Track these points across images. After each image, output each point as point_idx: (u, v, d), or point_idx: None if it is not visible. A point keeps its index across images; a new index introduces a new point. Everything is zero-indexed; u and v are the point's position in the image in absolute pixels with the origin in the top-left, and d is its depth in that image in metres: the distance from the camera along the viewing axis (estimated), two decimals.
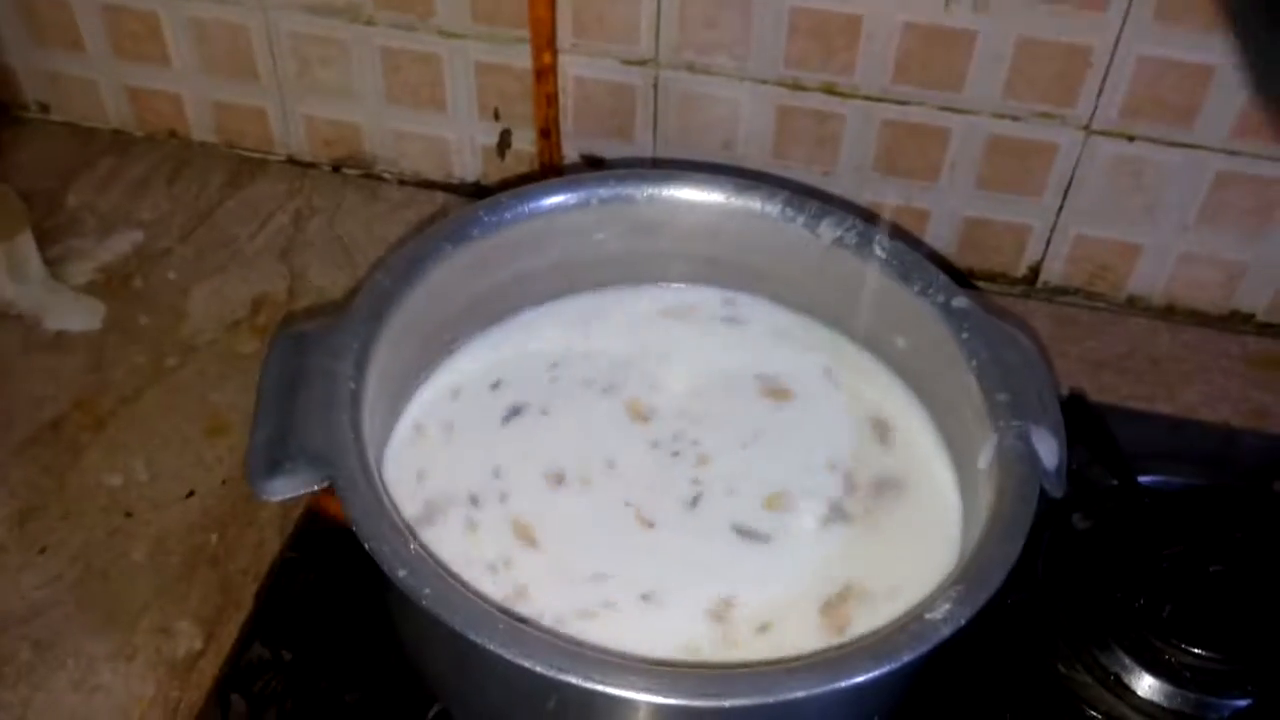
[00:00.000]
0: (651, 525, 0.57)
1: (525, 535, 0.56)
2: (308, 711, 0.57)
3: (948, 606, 0.44)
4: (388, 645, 0.58)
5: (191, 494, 0.67)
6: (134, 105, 0.89)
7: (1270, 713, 0.56)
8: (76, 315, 0.77)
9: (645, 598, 0.53)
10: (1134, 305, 0.80)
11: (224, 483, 0.67)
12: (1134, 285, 0.79)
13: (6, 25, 0.87)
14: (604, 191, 0.62)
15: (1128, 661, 0.58)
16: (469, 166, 0.86)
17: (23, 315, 0.76)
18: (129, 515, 0.66)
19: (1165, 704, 0.57)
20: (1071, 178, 0.74)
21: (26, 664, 0.59)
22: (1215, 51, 0.67)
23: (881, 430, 0.62)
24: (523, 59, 0.78)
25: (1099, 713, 0.57)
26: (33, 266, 0.77)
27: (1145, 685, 0.57)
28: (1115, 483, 0.64)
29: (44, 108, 0.91)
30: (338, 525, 0.47)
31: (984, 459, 0.52)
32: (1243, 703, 0.56)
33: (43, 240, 0.79)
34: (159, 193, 0.86)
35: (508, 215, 0.60)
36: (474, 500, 0.58)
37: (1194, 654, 0.57)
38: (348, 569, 0.60)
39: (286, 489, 0.47)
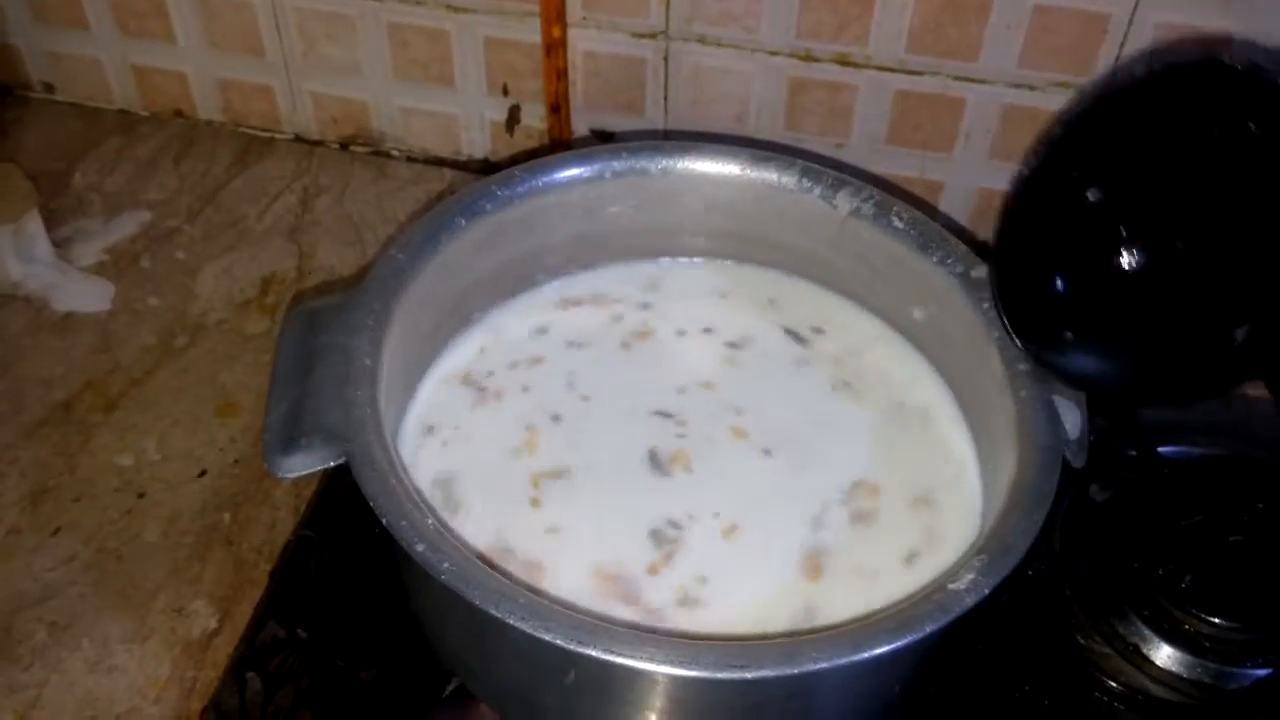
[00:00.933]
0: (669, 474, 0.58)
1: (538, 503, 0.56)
2: (324, 690, 0.57)
3: (971, 576, 0.44)
4: (403, 622, 0.58)
5: (204, 473, 0.67)
6: (139, 84, 0.88)
7: None
8: (85, 296, 0.76)
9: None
10: None
11: (236, 462, 0.67)
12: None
13: (10, 4, 0.86)
14: (618, 164, 0.61)
15: (1146, 632, 0.58)
16: (477, 143, 0.85)
17: (31, 297, 0.76)
18: (141, 496, 0.65)
19: (1184, 674, 0.57)
20: None
21: (42, 645, 0.59)
22: (1233, 16, 0.66)
23: (898, 403, 0.62)
24: (532, 33, 0.77)
25: (1118, 683, 0.57)
26: (40, 247, 0.77)
27: (1164, 655, 0.57)
28: (1134, 453, 0.64)
29: (49, 88, 0.90)
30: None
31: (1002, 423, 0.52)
32: (1263, 672, 0.56)
33: (50, 221, 0.78)
34: (166, 172, 0.86)
35: (521, 189, 0.60)
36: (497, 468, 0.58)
37: (1213, 624, 0.57)
38: (362, 547, 0.60)
39: (303, 465, 0.47)
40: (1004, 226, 0.55)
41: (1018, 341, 0.55)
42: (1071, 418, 0.51)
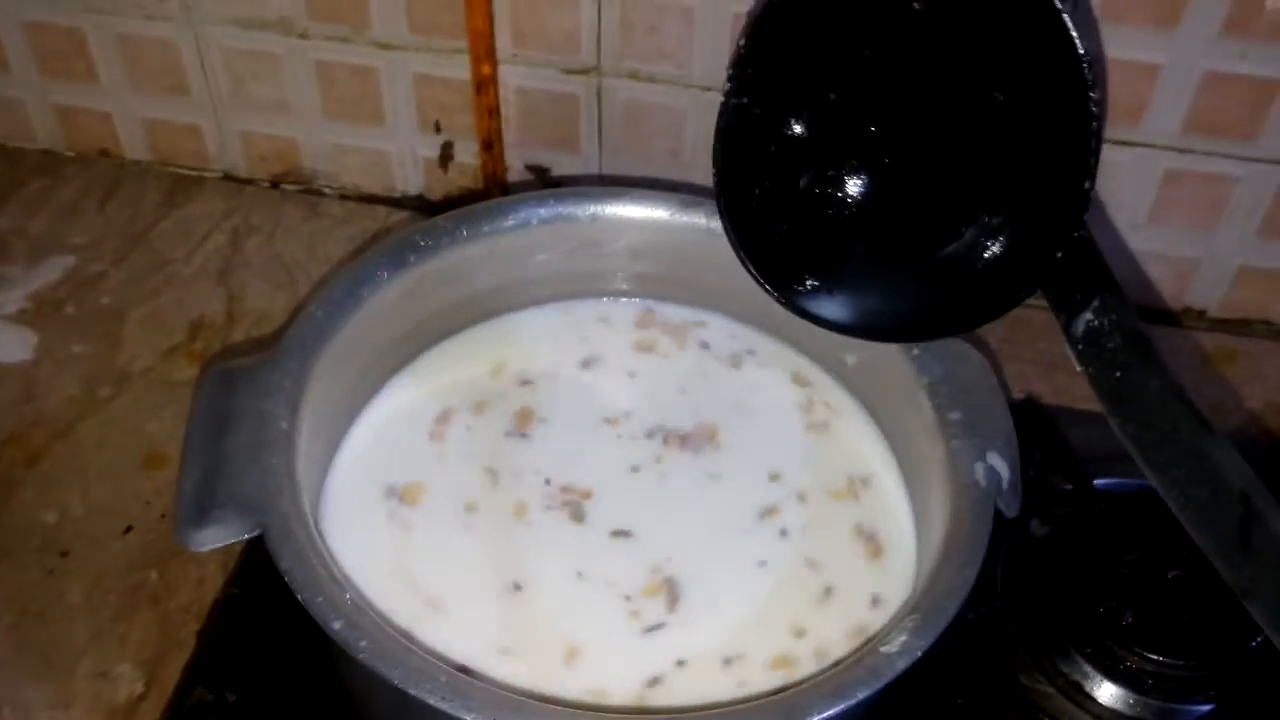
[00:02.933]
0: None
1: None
2: None
3: (903, 638, 0.43)
4: (335, 685, 0.57)
5: (130, 529, 0.65)
6: (63, 124, 0.86)
7: (1232, 718, 0.55)
8: (6, 346, 0.74)
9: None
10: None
11: (162, 516, 0.65)
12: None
13: None
14: (544, 211, 0.60)
15: (1089, 669, 0.57)
16: (411, 180, 0.84)
17: None
18: (65, 554, 0.64)
19: (1127, 712, 0.56)
20: None
21: None
22: (1161, 50, 0.66)
23: (828, 444, 0.61)
24: (462, 70, 0.76)
25: None
26: None
27: (1107, 693, 0.57)
28: (1070, 487, 0.64)
29: None
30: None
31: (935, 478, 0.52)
32: (1205, 708, 0.56)
33: None
34: (91, 215, 0.84)
35: (445, 239, 0.59)
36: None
37: (1155, 660, 0.57)
38: (293, 605, 0.59)
39: (216, 538, 0.46)
40: (718, 175, 0.53)
41: (772, 293, 0.54)
42: (1003, 468, 0.51)
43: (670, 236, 0.62)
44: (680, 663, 0.51)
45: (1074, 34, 0.46)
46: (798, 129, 0.53)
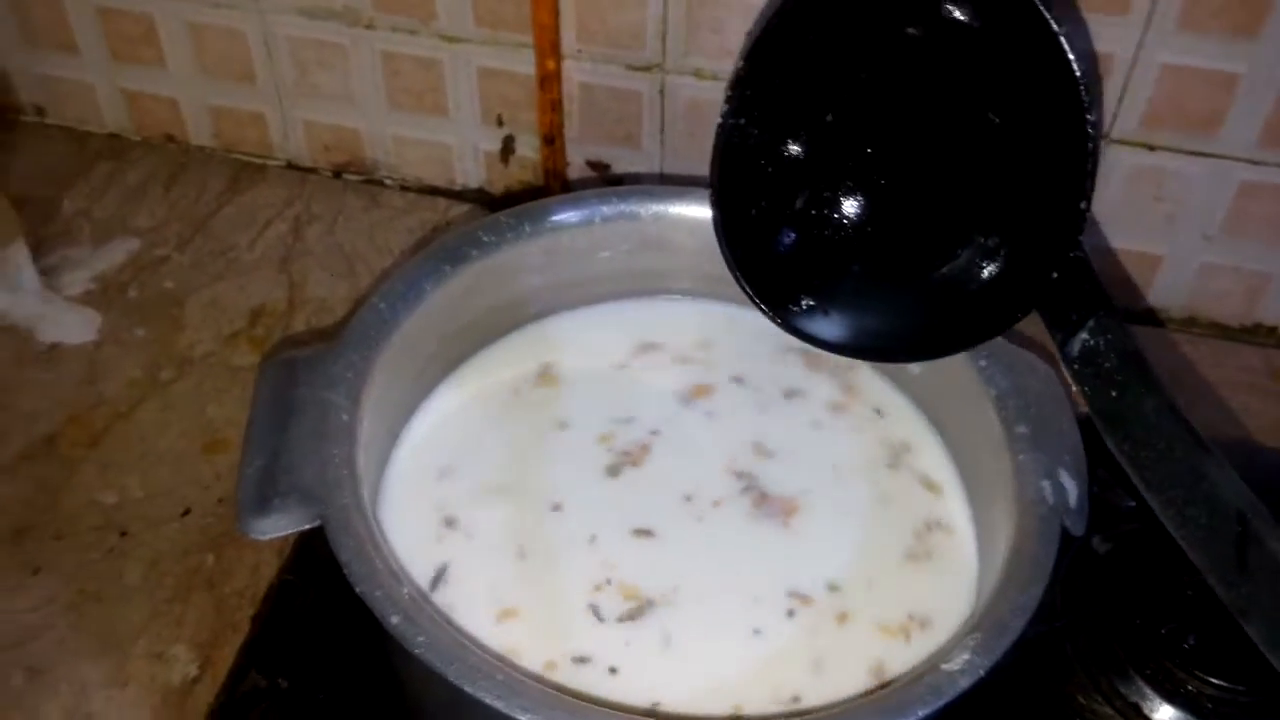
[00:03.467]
0: (650, 534, 0.56)
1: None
2: None
3: (966, 657, 0.43)
4: (388, 675, 0.57)
5: (187, 512, 0.65)
6: (131, 109, 0.87)
7: None
8: (71, 327, 0.75)
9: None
10: (1153, 317, 0.78)
11: (220, 501, 0.66)
12: (1153, 297, 0.77)
13: (0, 27, 0.85)
14: (607, 209, 0.60)
15: (1148, 691, 0.56)
16: (471, 173, 0.84)
17: (16, 327, 0.75)
18: (124, 535, 0.64)
19: None
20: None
21: (18, 690, 0.57)
22: (1240, 60, 0.65)
23: (895, 457, 0.60)
24: (526, 65, 0.76)
25: None
26: (26, 276, 0.76)
27: (1165, 716, 0.56)
28: (1134, 504, 0.63)
29: (39, 111, 0.89)
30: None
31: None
32: None
33: (37, 249, 0.77)
34: (156, 199, 0.85)
35: (509, 235, 0.58)
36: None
37: (1216, 685, 0.56)
38: (347, 593, 0.59)
39: (276, 528, 0.46)
40: (716, 190, 0.53)
41: (767, 313, 0.54)
42: (1071, 484, 0.50)
43: None
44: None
45: (1070, 55, 0.46)
46: (795, 149, 0.54)
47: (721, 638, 0.52)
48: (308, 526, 0.46)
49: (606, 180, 0.81)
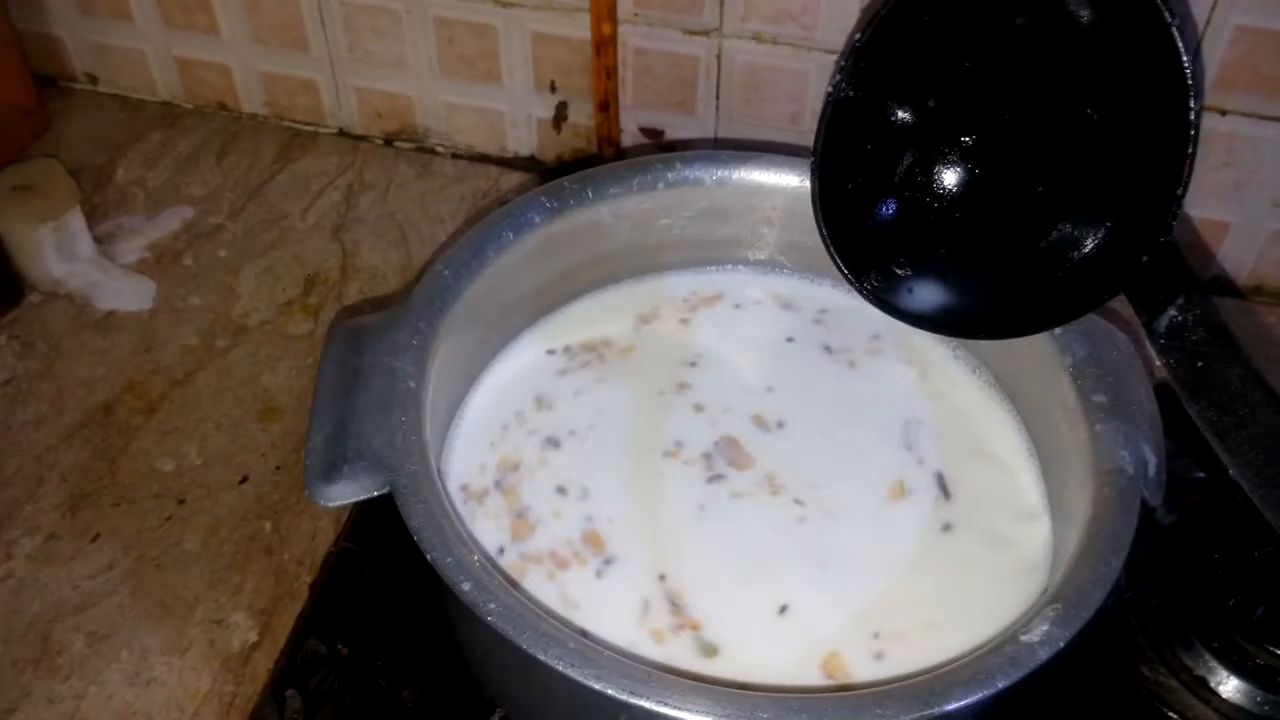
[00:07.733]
0: (703, 508, 0.55)
1: (594, 541, 0.55)
2: (365, 709, 0.56)
3: (1045, 628, 0.42)
4: (447, 642, 0.57)
5: (245, 480, 0.66)
6: (183, 76, 0.87)
7: None
8: (127, 295, 0.75)
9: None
10: (1219, 285, 0.76)
11: (278, 468, 0.66)
12: (1220, 264, 0.75)
13: None
14: (671, 175, 0.59)
15: (1215, 664, 0.55)
16: (524, 140, 0.83)
17: (73, 295, 0.75)
18: (182, 502, 0.64)
19: (1254, 709, 0.54)
20: None
21: (80, 656, 0.58)
22: None
23: (963, 427, 0.59)
24: (581, 29, 0.75)
25: (1183, 717, 0.55)
26: (82, 245, 0.76)
27: (1233, 688, 0.55)
28: (1203, 475, 0.61)
29: (92, 79, 0.89)
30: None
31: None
32: None
33: (92, 217, 0.78)
34: (209, 167, 0.85)
35: (571, 201, 0.58)
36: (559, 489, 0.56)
37: None
38: (404, 561, 0.59)
39: (345, 494, 0.45)
40: (818, 160, 0.53)
41: (854, 284, 0.54)
42: (1149, 454, 0.49)
43: (797, 204, 0.60)
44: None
45: (1180, 46, 0.46)
46: (904, 116, 0.54)
47: None
48: (376, 493, 0.45)
49: (661, 147, 0.80)
